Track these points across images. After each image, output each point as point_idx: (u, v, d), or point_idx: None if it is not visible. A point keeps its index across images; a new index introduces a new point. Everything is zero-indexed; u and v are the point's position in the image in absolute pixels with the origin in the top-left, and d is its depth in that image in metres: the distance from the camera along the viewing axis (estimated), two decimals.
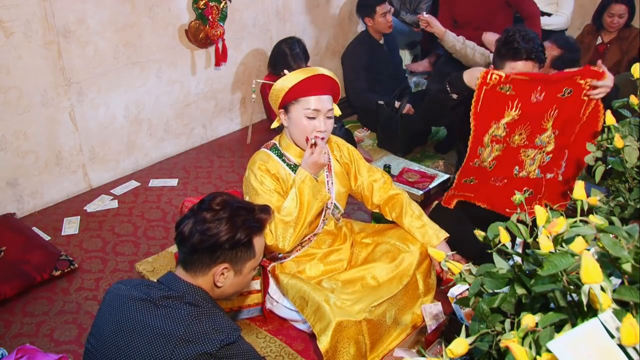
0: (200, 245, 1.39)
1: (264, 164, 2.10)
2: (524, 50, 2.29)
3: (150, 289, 1.41)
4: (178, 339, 1.30)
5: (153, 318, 1.34)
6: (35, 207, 3.08)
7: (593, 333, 0.84)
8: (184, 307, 1.36)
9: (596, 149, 1.64)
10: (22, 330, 2.32)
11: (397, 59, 4.24)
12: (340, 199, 2.23)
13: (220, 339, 1.32)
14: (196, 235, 1.39)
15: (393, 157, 3.58)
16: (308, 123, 2.05)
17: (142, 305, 1.37)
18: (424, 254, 2.21)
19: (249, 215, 1.46)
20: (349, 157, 2.28)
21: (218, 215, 1.41)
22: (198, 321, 1.33)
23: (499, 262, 1.10)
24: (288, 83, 2.02)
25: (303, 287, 2.06)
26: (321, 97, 2.04)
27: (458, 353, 0.98)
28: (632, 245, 0.95)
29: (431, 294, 2.26)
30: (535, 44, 2.30)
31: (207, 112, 3.80)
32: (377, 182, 2.27)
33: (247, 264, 1.48)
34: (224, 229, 1.40)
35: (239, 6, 3.68)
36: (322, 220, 2.20)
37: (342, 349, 1.91)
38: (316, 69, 2.06)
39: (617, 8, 3.81)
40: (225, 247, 1.41)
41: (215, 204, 1.43)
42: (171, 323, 1.33)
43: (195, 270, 1.43)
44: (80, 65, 3.03)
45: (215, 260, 1.41)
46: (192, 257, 1.42)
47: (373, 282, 2.13)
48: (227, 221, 1.41)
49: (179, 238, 1.44)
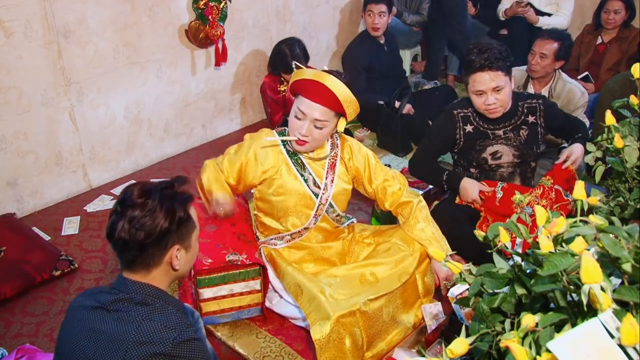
0: (147, 240, 1.36)
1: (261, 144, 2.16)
2: (477, 61, 2.36)
3: (102, 295, 1.39)
4: (130, 342, 1.28)
5: (104, 324, 1.33)
6: (35, 207, 3.08)
7: (593, 333, 0.84)
8: (134, 307, 1.35)
9: (596, 149, 1.64)
10: (22, 330, 2.32)
11: (397, 59, 4.24)
12: (337, 200, 2.23)
13: (172, 336, 1.30)
14: (139, 233, 1.34)
15: (393, 157, 3.58)
16: (295, 121, 2.08)
17: (93, 313, 1.36)
18: (424, 254, 2.22)
19: (173, 191, 1.42)
20: (363, 162, 2.25)
21: (148, 206, 1.36)
22: (149, 320, 1.32)
23: (499, 262, 1.10)
24: (296, 76, 2.06)
25: (299, 275, 2.10)
26: (313, 103, 2.03)
27: (458, 353, 0.98)
28: (632, 245, 0.95)
29: (430, 295, 2.26)
30: (490, 54, 2.35)
31: (207, 112, 3.80)
32: (390, 187, 2.26)
33: (192, 235, 1.46)
34: (162, 215, 1.36)
35: (239, 6, 3.68)
36: (315, 216, 2.20)
37: (337, 340, 1.91)
38: (324, 78, 2.01)
39: (612, 4, 3.82)
40: (172, 230, 1.38)
41: (137, 197, 1.37)
42: (122, 326, 1.31)
43: (147, 266, 1.40)
44: (80, 65, 3.03)
45: (166, 246, 1.39)
46: (142, 255, 1.38)
47: (371, 279, 2.13)
48: (160, 207, 1.36)
49: (121, 244, 1.37)
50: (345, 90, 2.02)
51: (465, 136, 2.56)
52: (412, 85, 4.39)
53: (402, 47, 4.67)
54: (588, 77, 3.93)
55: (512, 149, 2.53)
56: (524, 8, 4.09)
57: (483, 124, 2.54)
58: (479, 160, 2.57)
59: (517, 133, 2.53)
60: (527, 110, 2.54)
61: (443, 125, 2.62)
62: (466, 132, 2.56)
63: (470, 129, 2.55)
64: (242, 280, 2.21)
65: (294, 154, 2.17)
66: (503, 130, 2.53)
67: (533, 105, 2.55)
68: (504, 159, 2.55)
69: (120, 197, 1.40)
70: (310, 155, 2.18)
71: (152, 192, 1.39)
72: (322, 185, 2.18)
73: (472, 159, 2.59)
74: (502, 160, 2.55)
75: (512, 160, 2.55)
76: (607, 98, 3.12)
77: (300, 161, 2.17)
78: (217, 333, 2.25)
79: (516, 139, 2.53)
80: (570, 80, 3.24)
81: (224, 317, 2.26)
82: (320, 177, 2.19)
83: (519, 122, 2.53)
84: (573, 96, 3.16)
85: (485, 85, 2.38)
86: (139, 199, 1.37)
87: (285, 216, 2.20)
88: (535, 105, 2.55)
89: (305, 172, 2.17)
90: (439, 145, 2.66)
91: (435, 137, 2.65)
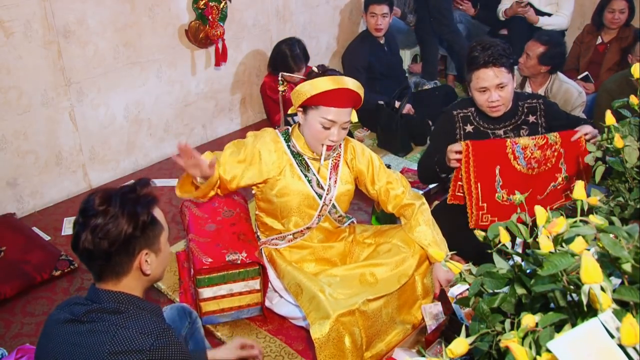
0: (112, 248, 1.32)
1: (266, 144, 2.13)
2: (481, 58, 2.34)
3: (75, 307, 1.37)
4: (105, 352, 1.26)
5: (79, 337, 1.30)
6: (35, 207, 3.08)
7: (593, 333, 0.84)
8: (107, 317, 1.32)
9: (596, 149, 1.64)
10: (22, 330, 2.32)
11: (397, 59, 4.24)
12: (340, 201, 2.23)
13: (149, 342, 1.27)
14: (102, 242, 1.31)
15: (393, 157, 3.58)
16: (322, 131, 2.05)
17: (68, 326, 1.33)
18: (424, 256, 2.22)
19: (135, 195, 1.38)
20: (367, 164, 2.25)
21: (110, 213, 1.31)
22: (123, 328, 1.29)
23: (499, 262, 1.10)
24: (313, 89, 2.00)
25: (299, 275, 2.10)
26: (341, 110, 2.03)
27: (458, 353, 0.98)
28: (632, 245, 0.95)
29: (430, 296, 2.26)
30: (494, 50, 2.34)
31: (207, 112, 3.80)
32: (394, 189, 2.26)
33: (160, 238, 1.42)
34: (124, 220, 1.31)
35: (239, 6, 3.68)
36: (318, 216, 2.20)
37: (336, 339, 1.91)
38: (344, 82, 2.02)
39: (617, 3, 3.82)
40: (136, 235, 1.34)
41: (98, 206, 1.32)
42: (97, 337, 1.28)
43: (117, 274, 1.37)
44: (80, 65, 3.03)
45: (133, 252, 1.35)
46: (109, 264, 1.35)
47: (371, 279, 2.13)
48: (122, 212, 1.32)
49: (86, 255, 1.34)
50: (358, 83, 2.07)
51: (466, 136, 2.54)
52: (412, 85, 4.39)
53: (402, 47, 4.68)
54: (588, 77, 3.93)
55: None
56: (524, 8, 4.09)
57: (483, 123, 2.53)
58: None
59: (517, 133, 2.52)
60: (528, 110, 2.54)
61: (443, 127, 2.59)
62: (466, 132, 2.54)
63: (470, 129, 2.54)
64: (242, 280, 2.22)
65: (298, 155, 2.17)
66: (503, 130, 2.52)
67: (533, 104, 2.55)
68: None
69: (82, 207, 1.36)
70: (315, 155, 2.18)
71: (113, 198, 1.34)
72: (326, 186, 2.18)
73: None
74: None
75: None
76: (605, 98, 3.12)
77: (305, 162, 2.17)
78: (216, 333, 2.26)
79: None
80: (567, 80, 3.24)
81: (224, 317, 2.27)
82: (325, 178, 2.18)
83: (519, 121, 2.52)
84: (570, 96, 3.16)
85: (489, 81, 2.37)
86: (100, 206, 1.32)
87: (288, 216, 2.20)
88: (535, 105, 2.55)
89: (309, 173, 2.17)
90: (441, 147, 2.61)
91: (436, 139, 2.62)
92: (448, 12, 4.35)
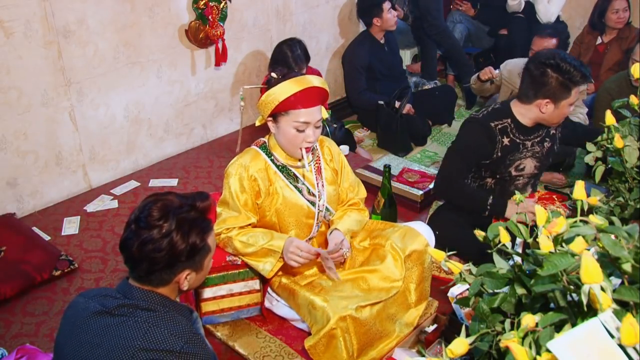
0: (156, 266, 1.32)
1: (245, 171, 2.09)
2: (578, 74, 2.20)
3: (106, 299, 1.37)
4: (136, 347, 1.26)
5: (110, 329, 1.30)
6: (35, 207, 3.08)
7: (593, 333, 0.84)
8: (140, 313, 1.32)
9: (596, 149, 1.64)
10: (22, 330, 2.32)
11: (397, 59, 4.24)
12: (331, 202, 2.22)
13: (179, 345, 1.28)
14: (150, 257, 1.31)
15: (393, 157, 3.58)
16: (297, 135, 2.02)
17: (98, 318, 1.33)
18: (419, 262, 2.21)
19: (194, 212, 1.36)
20: (340, 165, 2.27)
21: (164, 230, 1.30)
22: (155, 326, 1.29)
23: (499, 262, 1.10)
24: (279, 96, 1.98)
25: (294, 288, 2.11)
26: (311, 109, 2.01)
27: (458, 353, 0.98)
28: (632, 245, 0.95)
29: (423, 303, 2.24)
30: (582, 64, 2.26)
31: (207, 112, 3.80)
32: (351, 199, 2.30)
33: (206, 260, 1.43)
34: (176, 242, 1.31)
35: (239, 6, 3.68)
36: (316, 224, 2.20)
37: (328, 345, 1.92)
38: (308, 81, 2.00)
39: (620, 3, 3.83)
40: (182, 260, 1.34)
41: (154, 220, 1.31)
42: (128, 332, 1.28)
43: (155, 284, 1.37)
44: (80, 65, 3.03)
45: (175, 271, 1.36)
46: (149, 277, 1.35)
47: (364, 286, 2.13)
48: (176, 233, 1.31)
49: (131, 260, 1.35)
50: (322, 79, 2.07)
51: (503, 149, 2.39)
52: (412, 85, 4.39)
53: (402, 47, 4.68)
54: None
55: (534, 160, 2.46)
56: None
57: (519, 135, 2.41)
58: (503, 173, 2.46)
59: (541, 145, 2.46)
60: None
61: (480, 140, 2.38)
62: (503, 146, 2.39)
63: (507, 142, 2.39)
64: (242, 280, 2.22)
65: (284, 167, 2.14)
66: (531, 142, 2.44)
67: None
68: (526, 170, 2.48)
69: (137, 214, 1.35)
70: (298, 164, 2.15)
71: (172, 214, 1.32)
72: (317, 192, 2.17)
73: (497, 172, 2.45)
74: (524, 172, 2.48)
75: (532, 172, 2.50)
76: (604, 98, 3.12)
77: (292, 173, 2.15)
78: (216, 333, 2.26)
79: (540, 151, 2.46)
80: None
81: (224, 317, 2.27)
82: (313, 185, 2.17)
83: (544, 133, 2.46)
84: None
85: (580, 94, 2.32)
86: (157, 220, 1.31)
87: (286, 232, 2.18)
88: None
89: (298, 183, 2.15)
90: (473, 163, 2.43)
91: (470, 153, 2.41)
92: (437, 12, 4.35)
